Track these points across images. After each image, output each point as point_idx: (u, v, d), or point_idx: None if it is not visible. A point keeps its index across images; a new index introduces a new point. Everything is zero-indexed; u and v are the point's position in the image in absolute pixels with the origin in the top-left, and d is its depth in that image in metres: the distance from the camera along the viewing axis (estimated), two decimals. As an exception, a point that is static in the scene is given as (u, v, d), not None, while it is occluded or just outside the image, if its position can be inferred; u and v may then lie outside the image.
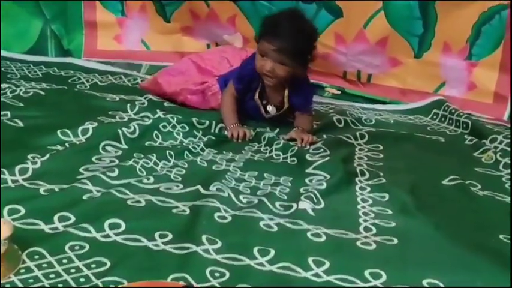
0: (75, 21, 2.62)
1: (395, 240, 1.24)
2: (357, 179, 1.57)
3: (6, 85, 2.01)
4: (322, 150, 1.77)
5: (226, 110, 1.94)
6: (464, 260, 1.17)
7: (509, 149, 1.90)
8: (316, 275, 1.09)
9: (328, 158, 1.70)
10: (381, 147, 1.87)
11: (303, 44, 1.83)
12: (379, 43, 2.49)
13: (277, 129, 1.92)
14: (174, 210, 1.29)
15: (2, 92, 1.94)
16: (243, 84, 1.95)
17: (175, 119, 1.83)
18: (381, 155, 1.80)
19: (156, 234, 1.17)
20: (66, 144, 1.60)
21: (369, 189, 1.52)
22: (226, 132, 1.87)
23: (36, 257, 1.06)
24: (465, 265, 1.16)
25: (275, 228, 1.26)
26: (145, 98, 2.05)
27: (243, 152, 1.74)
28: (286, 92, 1.94)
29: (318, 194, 1.43)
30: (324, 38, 2.34)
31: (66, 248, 1.09)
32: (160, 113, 1.87)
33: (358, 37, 2.50)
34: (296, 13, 1.89)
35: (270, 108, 1.97)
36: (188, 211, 1.29)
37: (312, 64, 1.93)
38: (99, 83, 2.30)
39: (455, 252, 1.20)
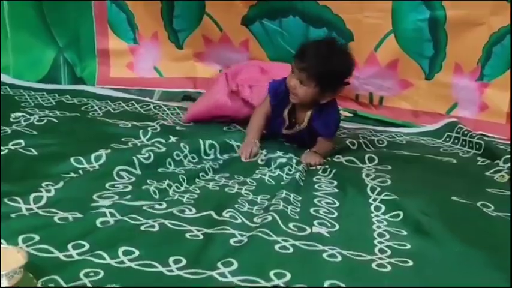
0: (88, 50, 2.66)
1: (411, 262, 1.23)
2: (369, 199, 1.59)
3: (20, 114, 2.03)
4: (329, 171, 1.81)
5: (254, 123, 2.02)
6: (480, 282, 1.16)
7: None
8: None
9: (335, 180, 1.73)
10: (390, 168, 1.87)
11: (326, 69, 1.85)
12: (390, 66, 2.50)
13: (289, 154, 1.91)
14: (188, 235, 1.28)
15: (15, 120, 1.97)
16: (277, 99, 2.00)
17: (187, 147, 1.83)
18: (389, 176, 1.78)
19: (170, 260, 1.17)
20: (80, 171, 1.61)
21: (383, 208, 1.53)
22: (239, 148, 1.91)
23: (51, 284, 1.05)
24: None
25: (291, 250, 1.25)
26: (157, 124, 2.06)
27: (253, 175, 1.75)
28: (309, 113, 1.96)
29: (330, 218, 1.44)
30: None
31: (81, 275, 1.09)
32: (173, 139, 1.88)
33: (369, 60, 2.51)
34: (333, 41, 1.94)
35: (297, 127, 2.00)
36: (202, 236, 1.29)
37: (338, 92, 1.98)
38: (111, 110, 2.32)
39: (471, 273, 1.19)
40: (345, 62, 1.90)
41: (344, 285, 1.10)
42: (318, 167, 1.86)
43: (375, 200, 1.59)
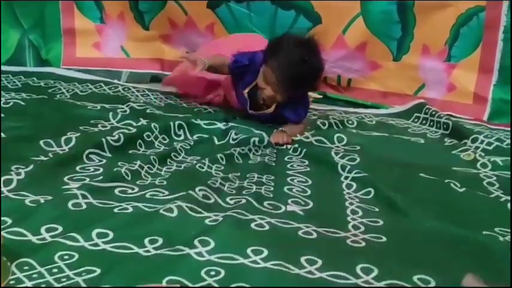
0: (53, 30, 2.60)
1: (384, 238, 1.26)
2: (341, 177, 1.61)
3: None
4: (299, 150, 1.82)
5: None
6: (452, 255, 1.19)
7: (490, 148, 1.93)
8: (310, 272, 1.09)
9: (306, 160, 1.75)
10: (359, 148, 1.89)
11: (307, 77, 1.85)
12: (358, 48, 2.52)
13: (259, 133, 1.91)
14: (161, 215, 1.28)
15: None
16: (237, 68, 2.00)
17: (157, 128, 1.82)
18: (358, 155, 1.78)
19: (146, 240, 1.16)
20: (50, 154, 1.58)
21: (355, 186, 1.55)
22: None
23: (26, 267, 1.04)
24: (453, 261, 1.17)
25: (267, 227, 1.26)
26: (127, 106, 2.04)
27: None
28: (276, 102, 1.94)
29: (303, 197, 1.46)
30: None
31: (56, 257, 1.08)
32: (143, 121, 1.86)
33: (338, 43, 2.52)
34: (307, 43, 1.85)
35: (264, 108, 1.98)
36: (176, 215, 1.28)
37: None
38: (79, 92, 2.28)
39: (443, 248, 1.22)
40: (321, 64, 1.87)
41: (321, 261, 1.12)
42: (289, 146, 1.86)
43: (346, 178, 1.62)
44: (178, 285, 0.94)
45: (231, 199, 1.41)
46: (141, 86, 2.47)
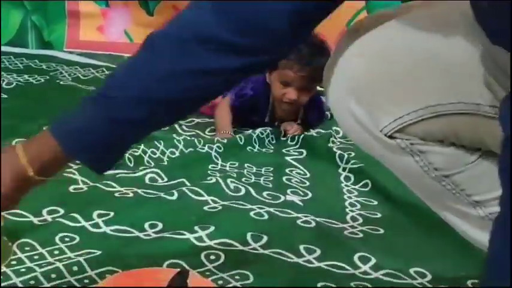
0: (56, 12, 2.60)
1: (382, 231, 1.27)
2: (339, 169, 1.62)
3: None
4: (296, 140, 1.82)
5: (225, 116, 1.85)
6: (451, 249, 1.20)
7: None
8: (308, 261, 1.10)
9: (304, 150, 1.76)
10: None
11: (322, 61, 1.78)
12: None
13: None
14: (161, 200, 1.29)
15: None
16: (243, 103, 1.87)
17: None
18: (354, 147, 1.77)
19: (146, 225, 1.17)
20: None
21: (352, 178, 1.56)
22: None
23: (27, 248, 1.05)
24: (449, 254, 1.18)
25: (266, 216, 1.27)
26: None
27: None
28: (301, 112, 1.90)
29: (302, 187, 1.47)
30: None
31: (57, 239, 1.09)
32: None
33: (341, 36, 2.51)
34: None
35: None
36: (176, 199, 1.29)
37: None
38: (81, 76, 2.29)
39: (441, 241, 1.23)
40: (326, 43, 1.84)
41: (319, 250, 1.13)
42: (288, 136, 1.84)
43: (344, 169, 1.62)
44: (178, 269, 0.95)
45: (230, 187, 1.42)
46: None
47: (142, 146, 1.56)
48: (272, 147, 1.77)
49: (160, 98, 0.75)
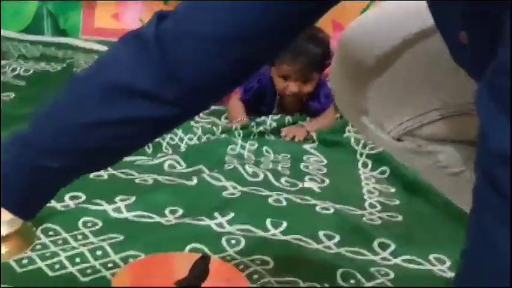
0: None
1: (400, 217, 1.28)
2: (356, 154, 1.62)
3: (6, 61, 2.00)
4: None
5: (237, 107, 1.87)
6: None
7: None
8: (328, 247, 1.11)
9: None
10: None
11: (321, 53, 1.78)
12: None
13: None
14: (181, 186, 1.30)
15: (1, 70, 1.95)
16: (252, 96, 1.89)
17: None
18: None
19: (167, 211, 1.19)
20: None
21: (370, 165, 1.56)
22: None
23: (51, 233, 1.07)
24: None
25: (284, 203, 1.28)
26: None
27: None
28: (304, 100, 1.89)
29: (320, 174, 1.47)
30: (321, 26, 2.34)
31: (80, 224, 1.10)
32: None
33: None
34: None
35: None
36: (195, 185, 1.31)
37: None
38: (97, 63, 2.29)
39: (458, 227, 1.23)
40: (325, 36, 1.84)
41: (338, 236, 1.14)
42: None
43: (361, 154, 1.63)
44: (199, 254, 0.96)
45: (248, 173, 1.43)
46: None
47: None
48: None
49: (77, 148, 0.68)
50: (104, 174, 1.33)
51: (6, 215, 0.74)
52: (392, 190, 1.43)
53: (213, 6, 0.64)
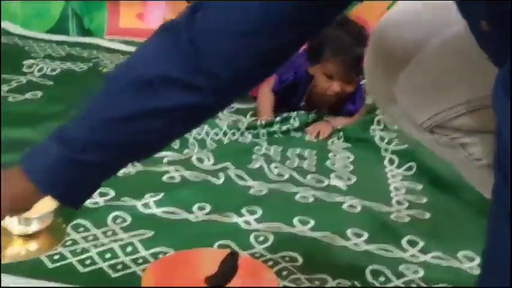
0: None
1: (428, 215, 1.27)
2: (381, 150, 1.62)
3: (33, 61, 2.02)
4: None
5: (266, 101, 1.86)
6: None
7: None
8: (356, 244, 1.11)
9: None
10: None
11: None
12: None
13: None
14: (208, 183, 1.31)
15: (28, 70, 1.97)
16: (284, 88, 1.87)
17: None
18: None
19: (195, 207, 1.19)
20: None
21: (396, 161, 1.55)
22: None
23: (81, 229, 1.08)
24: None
25: (311, 199, 1.28)
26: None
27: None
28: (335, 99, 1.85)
29: (346, 172, 1.48)
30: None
31: (109, 220, 1.12)
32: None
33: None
34: (344, 20, 1.73)
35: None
36: (221, 183, 1.32)
37: None
38: (123, 63, 2.31)
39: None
40: (363, 29, 1.77)
41: (367, 233, 1.13)
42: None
43: (386, 150, 1.61)
44: (228, 250, 0.96)
45: (274, 172, 1.43)
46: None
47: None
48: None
49: (114, 143, 0.71)
50: (132, 170, 1.34)
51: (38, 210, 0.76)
52: (420, 187, 1.41)
53: None
